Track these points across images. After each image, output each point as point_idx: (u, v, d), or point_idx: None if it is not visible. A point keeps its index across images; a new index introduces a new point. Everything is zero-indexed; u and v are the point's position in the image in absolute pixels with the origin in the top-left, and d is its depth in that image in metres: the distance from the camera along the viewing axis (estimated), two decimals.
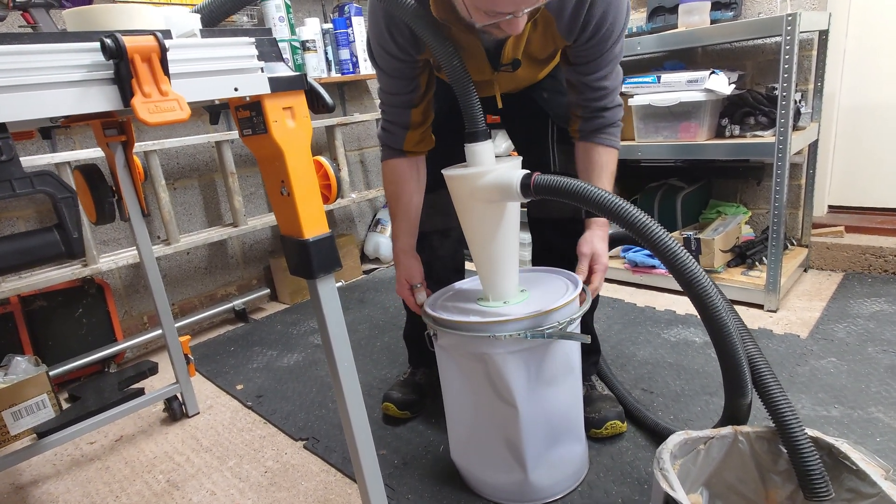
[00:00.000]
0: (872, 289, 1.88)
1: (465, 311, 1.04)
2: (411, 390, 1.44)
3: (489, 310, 1.03)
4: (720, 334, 0.88)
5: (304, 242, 0.74)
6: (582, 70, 1.05)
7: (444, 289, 1.20)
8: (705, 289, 0.86)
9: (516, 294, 1.06)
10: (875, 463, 0.81)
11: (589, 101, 1.08)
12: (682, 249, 0.85)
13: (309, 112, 0.75)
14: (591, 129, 1.11)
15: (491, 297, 1.06)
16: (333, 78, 2.44)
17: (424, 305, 1.11)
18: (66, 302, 1.88)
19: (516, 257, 1.04)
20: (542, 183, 0.90)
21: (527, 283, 1.12)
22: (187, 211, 2.21)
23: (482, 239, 1.01)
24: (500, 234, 1.00)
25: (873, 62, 2.01)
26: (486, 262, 1.03)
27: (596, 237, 1.12)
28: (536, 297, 1.05)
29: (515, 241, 1.03)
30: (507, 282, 1.04)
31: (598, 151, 1.12)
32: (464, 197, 0.98)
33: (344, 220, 2.82)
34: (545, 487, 1.08)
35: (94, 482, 1.35)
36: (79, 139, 1.90)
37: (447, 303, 1.12)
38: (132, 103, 0.55)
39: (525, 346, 0.97)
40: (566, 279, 1.11)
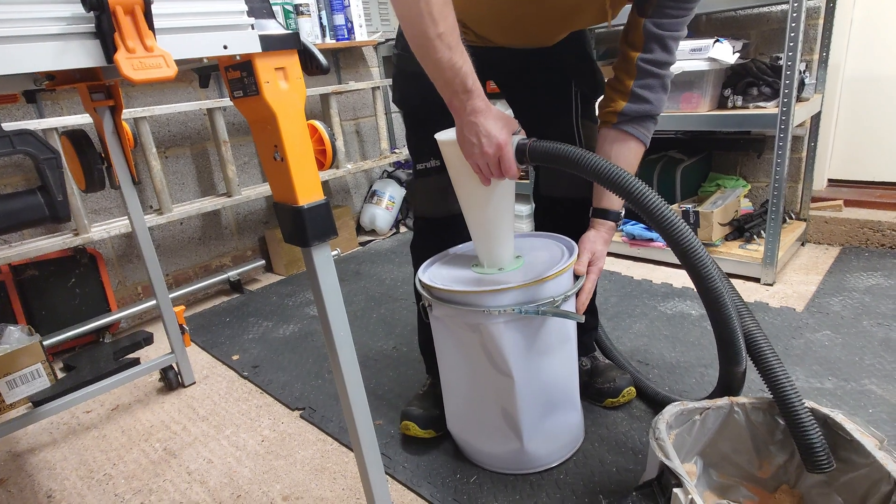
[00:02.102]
0: (869, 263, 1.87)
1: (460, 279, 1.02)
2: (433, 404, 1.24)
3: (484, 277, 1.01)
4: (714, 303, 0.87)
5: (299, 209, 0.72)
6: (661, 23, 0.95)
7: (438, 254, 1.17)
8: (701, 258, 0.85)
9: (512, 261, 1.04)
10: (869, 433, 0.81)
11: (652, 67, 0.97)
12: (679, 220, 0.84)
13: (303, 74, 0.72)
14: (636, 113, 1.01)
15: (486, 264, 1.04)
16: (328, 44, 2.38)
17: (418, 273, 1.09)
18: (59, 271, 1.86)
19: (511, 224, 1.02)
20: (539, 149, 0.87)
21: (523, 249, 1.10)
22: (180, 180, 2.17)
23: (476, 205, 0.99)
24: (494, 201, 0.97)
25: (880, 33, 1.97)
26: (480, 228, 1.01)
27: (600, 238, 1.07)
28: (532, 264, 1.04)
29: (510, 207, 1.01)
30: (502, 248, 1.02)
31: (631, 147, 1.03)
32: (457, 163, 0.95)
33: (339, 191, 2.79)
34: (541, 456, 1.09)
35: (90, 450, 1.35)
36: (66, 104, 1.85)
37: (441, 269, 1.10)
38: (115, 59, 0.52)
39: (520, 316, 0.96)
40: (563, 245, 1.09)
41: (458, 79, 0.84)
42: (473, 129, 0.86)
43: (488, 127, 0.85)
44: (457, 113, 0.88)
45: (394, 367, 1.55)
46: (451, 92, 0.85)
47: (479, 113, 0.85)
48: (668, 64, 0.99)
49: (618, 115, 1.02)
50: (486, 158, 0.87)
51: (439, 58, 0.82)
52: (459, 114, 0.87)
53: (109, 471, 1.27)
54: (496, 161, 0.88)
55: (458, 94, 0.85)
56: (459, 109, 0.86)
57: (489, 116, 0.86)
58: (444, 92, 0.87)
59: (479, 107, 0.85)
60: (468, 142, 0.88)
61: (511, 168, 0.88)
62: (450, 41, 0.82)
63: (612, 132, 1.04)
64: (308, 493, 1.13)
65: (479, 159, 0.88)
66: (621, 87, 1.01)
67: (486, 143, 0.86)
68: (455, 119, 0.89)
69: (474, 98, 0.85)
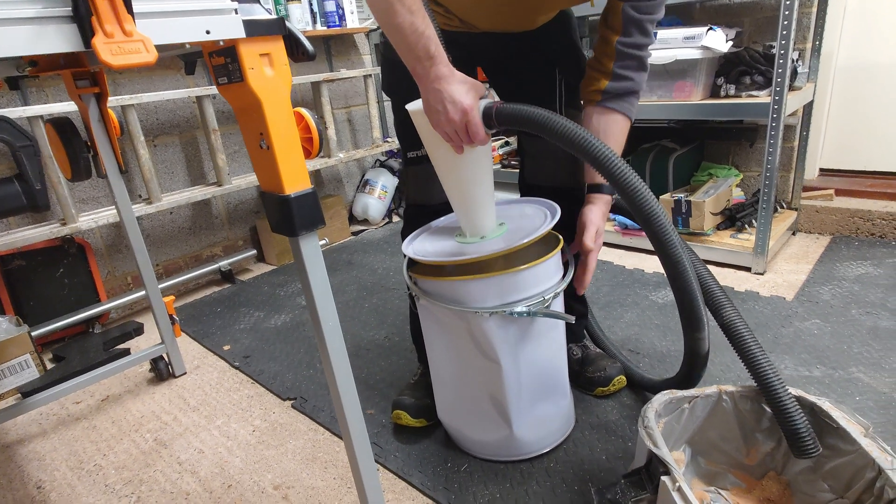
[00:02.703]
0: (859, 252, 1.89)
1: (443, 251, 1.01)
2: (424, 393, 1.24)
3: (467, 246, 1.00)
4: (674, 267, 0.87)
5: (286, 198, 0.71)
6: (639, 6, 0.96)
7: (420, 228, 1.15)
8: (663, 224, 0.84)
9: (494, 228, 1.02)
10: (855, 420, 0.82)
11: (630, 49, 0.99)
12: (643, 185, 0.82)
13: (289, 60, 0.71)
14: (619, 91, 1.02)
15: (468, 233, 1.03)
16: (319, 31, 2.35)
17: (403, 246, 1.07)
18: (46, 262, 1.84)
19: (490, 191, 1.00)
20: (505, 112, 0.85)
21: (506, 216, 1.09)
22: (169, 169, 2.14)
23: (452, 174, 0.97)
24: (470, 168, 0.95)
25: (873, 21, 1.96)
26: (459, 197, 1.00)
27: (599, 212, 1.06)
28: (515, 230, 1.02)
29: (488, 174, 0.98)
30: (483, 216, 1.00)
31: (617, 121, 1.04)
32: (429, 132, 0.92)
33: (331, 180, 2.77)
34: (530, 443, 1.09)
35: (80, 441, 1.35)
36: (52, 91, 1.82)
37: (425, 242, 1.08)
38: (93, 43, 0.51)
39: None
40: (545, 208, 1.07)
41: (420, 43, 0.82)
42: (438, 96, 0.84)
43: (452, 92, 0.83)
44: (420, 80, 0.86)
45: (385, 357, 1.54)
46: (414, 58, 0.83)
47: (442, 79, 0.83)
48: (646, 46, 1.01)
49: (602, 94, 1.03)
50: (453, 125, 0.85)
51: (400, 22, 0.80)
52: (423, 81, 0.85)
53: (100, 461, 1.26)
54: (463, 127, 0.85)
55: (421, 61, 0.83)
56: (423, 76, 0.84)
57: (453, 82, 0.84)
58: (406, 59, 0.85)
59: (443, 73, 0.83)
60: (434, 110, 0.86)
61: (479, 133, 0.85)
62: (411, 5, 0.80)
63: (598, 109, 1.05)
64: (299, 482, 1.13)
65: (446, 126, 0.86)
66: (602, 68, 1.02)
67: (452, 109, 0.84)
68: (419, 87, 0.87)
69: (437, 64, 0.83)
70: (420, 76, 0.85)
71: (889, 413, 1.13)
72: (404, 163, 1.22)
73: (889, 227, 1.94)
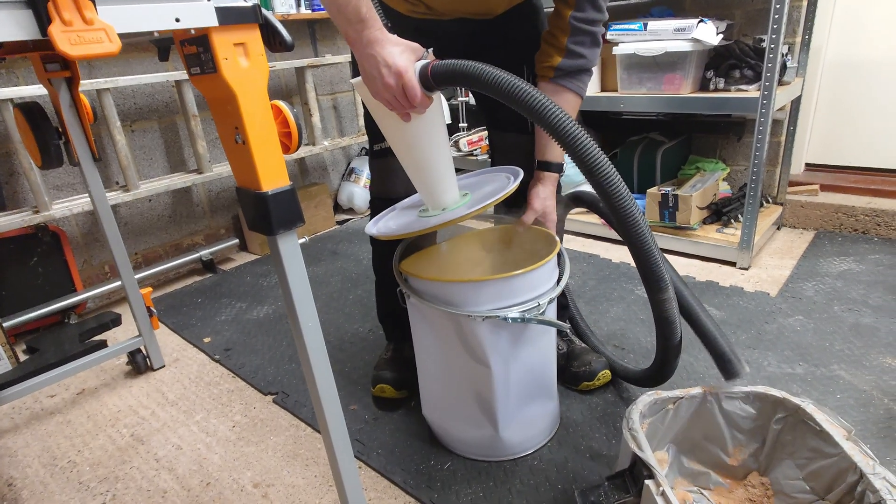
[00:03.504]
0: (842, 248, 1.90)
1: (407, 226, 0.99)
2: (404, 366, 1.29)
3: (430, 219, 0.97)
4: (630, 228, 0.84)
5: (263, 196, 0.68)
6: None
7: (387, 209, 1.13)
8: (614, 185, 0.80)
9: (457, 199, 1.00)
10: (838, 423, 0.82)
11: (583, 25, 0.98)
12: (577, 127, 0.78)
13: (265, 50, 0.67)
14: (572, 68, 1.02)
15: (430, 207, 1.00)
16: (303, 14, 2.29)
17: (367, 227, 1.04)
18: (19, 250, 1.78)
19: (448, 160, 0.96)
20: (441, 69, 0.81)
21: (468, 187, 1.07)
22: (147, 155, 2.08)
23: (404, 145, 0.94)
24: (421, 137, 0.91)
25: (862, 17, 1.96)
26: (414, 169, 0.96)
27: (547, 192, 1.08)
28: (477, 197, 0.99)
29: (443, 143, 0.94)
30: (443, 187, 0.97)
31: (568, 98, 1.05)
32: (375, 104, 0.88)
33: (316, 168, 2.72)
34: (516, 444, 1.08)
35: (54, 436, 1.31)
36: (23, 73, 1.75)
37: (390, 221, 1.06)
38: (49, 32, 0.47)
39: None
40: (508, 174, 1.06)
41: (349, 6, 0.77)
42: (372, 62, 0.80)
43: (386, 55, 0.79)
44: (353, 46, 0.81)
45: (370, 351, 1.52)
46: (345, 21, 0.79)
47: (375, 43, 0.79)
48: (599, 21, 1.01)
49: (554, 70, 1.03)
50: (390, 90, 0.81)
51: None
52: (356, 46, 0.81)
53: (74, 458, 1.23)
54: (401, 91, 0.81)
55: (352, 24, 0.78)
56: (356, 41, 0.80)
57: (387, 44, 0.79)
58: (338, 22, 0.81)
59: (376, 36, 0.79)
60: (370, 76, 0.82)
61: (416, 96, 0.81)
62: None
63: (550, 86, 1.05)
64: (280, 479, 1.12)
65: (384, 93, 0.82)
66: (556, 43, 1.02)
67: (387, 73, 0.79)
68: (354, 54, 0.83)
69: (369, 27, 0.78)
70: (353, 41, 0.81)
71: (869, 411, 1.14)
72: (370, 154, 1.21)
73: (872, 223, 1.95)
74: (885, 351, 1.33)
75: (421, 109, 0.85)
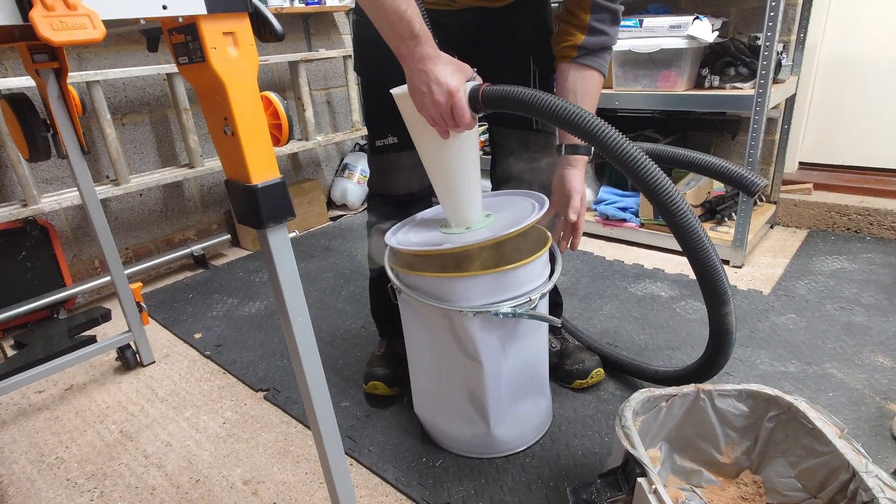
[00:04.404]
0: (835, 246, 1.90)
1: (427, 241, 0.98)
2: (396, 363, 1.28)
3: (452, 236, 0.97)
4: (688, 237, 0.85)
5: (252, 189, 0.67)
6: None
7: (406, 220, 1.12)
8: (671, 195, 0.82)
9: (480, 219, 1.00)
10: (830, 422, 0.82)
11: (604, 1, 0.96)
12: (644, 157, 0.80)
13: (256, 41, 0.66)
14: (595, 45, 1.00)
15: (453, 224, 1.00)
16: (297, 8, 2.26)
17: (386, 237, 1.03)
18: (7, 244, 1.76)
19: (477, 180, 0.97)
20: (492, 94, 0.82)
21: (492, 207, 1.06)
22: (138, 149, 2.06)
23: (438, 162, 0.94)
24: (456, 155, 0.92)
25: (856, 15, 1.96)
26: (444, 186, 0.96)
27: (581, 176, 1.05)
28: (501, 219, 0.99)
29: (475, 162, 0.95)
30: (469, 206, 0.97)
31: (594, 78, 1.03)
32: (414, 117, 0.89)
33: (310, 164, 2.70)
34: (508, 441, 1.08)
35: (42, 432, 1.29)
36: (10, 65, 1.72)
37: (409, 234, 1.05)
38: (31, 17, 0.46)
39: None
40: (533, 200, 1.05)
41: (403, 23, 0.78)
42: (423, 78, 0.80)
43: (438, 74, 0.80)
44: (404, 60, 0.82)
45: (362, 348, 1.51)
46: (398, 38, 0.80)
47: (427, 59, 0.80)
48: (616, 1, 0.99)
49: (577, 49, 1.01)
50: (438, 108, 0.81)
51: (382, 1, 0.77)
52: (407, 61, 0.82)
53: (62, 454, 1.22)
54: (449, 110, 0.82)
55: (405, 40, 0.79)
56: (407, 56, 0.81)
57: (439, 62, 0.80)
58: (390, 39, 0.81)
59: (428, 53, 0.80)
60: (418, 91, 0.82)
61: (465, 116, 0.82)
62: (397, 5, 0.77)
63: (573, 66, 1.03)
64: (270, 477, 1.11)
65: (430, 110, 0.83)
66: (577, 22, 1.00)
67: (437, 90, 0.80)
68: (404, 68, 0.83)
69: (422, 44, 0.79)
70: (404, 56, 0.81)
71: (861, 409, 1.14)
72: (370, 150, 1.18)
73: (864, 222, 1.96)
74: (877, 349, 1.33)
75: (465, 129, 0.86)
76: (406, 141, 0.97)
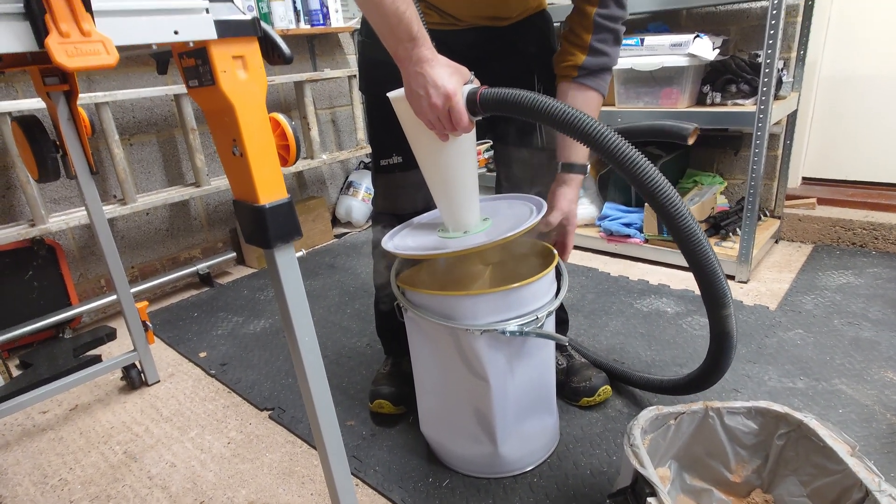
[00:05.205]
0: (840, 261, 1.90)
1: (424, 245, 0.98)
2: (402, 381, 1.28)
3: (449, 240, 0.96)
4: (687, 239, 0.84)
5: (260, 209, 0.68)
6: None
7: (404, 223, 1.12)
8: (670, 197, 0.82)
9: (478, 223, 0.99)
10: (841, 439, 0.81)
11: (608, 22, 0.98)
12: (643, 159, 0.80)
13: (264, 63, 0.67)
14: (595, 66, 1.01)
15: (451, 228, 0.99)
16: (302, 30, 2.30)
17: (383, 241, 1.02)
18: (14, 264, 1.77)
19: (474, 184, 0.96)
20: (490, 97, 0.81)
21: (491, 211, 1.06)
22: (145, 169, 2.08)
23: (435, 165, 0.93)
24: (454, 159, 0.91)
25: (856, 32, 1.98)
26: (442, 190, 0.96)
27: (573, 194, 1.07)
28: (499, 224, 0.99)
29: (472, 166, 0.95)
30: (466, 210, 0.97)
31: (593, 98, 1.04)
32: (411, 121, 0.88)
33: (315, 182, 2.72)
34: (515, 460, 1.07)
35: (45, 453, 1.29)
36: (21, 87, 1.75)
37: (406, 238, 1.04)
38: (46, 44, 0.47)
39: None
40: (531, 203, 1.05)
41: (401, 25, 0.78)
42: (420, 80, 0.80)
43: (435, 76, 0.79)
44: (402, 63, 0.82)
45: (367, 366, 1.51)
46: (396, 40, 0.80)
47: (425, 62, 0.79)
48: (621, 19, 1.01)
49: (578, 69, 1.02)
50: (436, 111, 0.81)
51: (381, 1, 0.77)
52: (405, 64, 0.82)
53: (65, 475, 1.21)
54: (446, 113, 0.81)
55: (403, 42, 0.79)
56: (405, 59, 0.81)
57: (436, 65, 0.80)
58: (388, 42, 0.82)
59: (426, 55, 0.79)
60: (415, 94, 0.82)
61: (462, 119, 0.81)
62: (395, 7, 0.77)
63: (573, 85, 1.04)
64: (275, 498, 1.10)
65: (428, 112, 0.82)
66: (579, 42, 1.01)
67: (434, 93, 0.80)
68: (401, 71, 0.83)
69: (420, 46, 0.79)
70: (401, 59, 0.82)
71: (872, 426, 1.13)
72: (374, 169, 1.18)
73: (869, 236, 1.95)
74: (886, 365, 1.32)
75: (462, 133, 0.86)
76: (411, 160, 0.98)
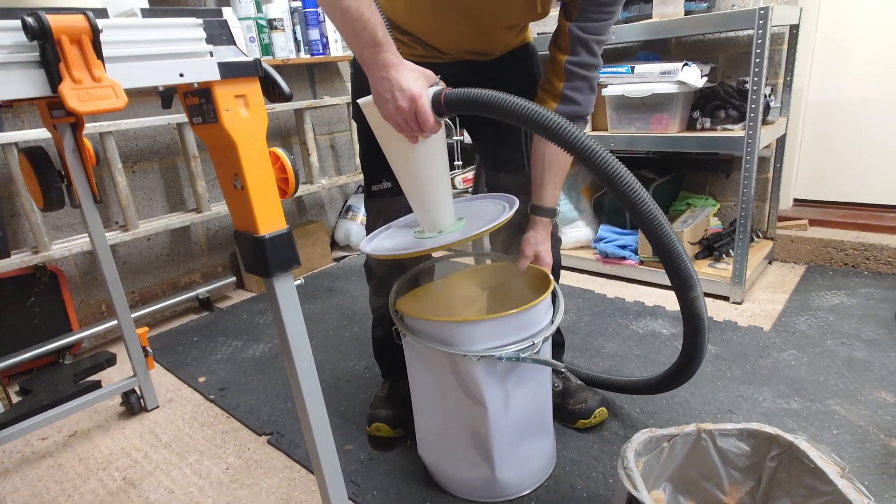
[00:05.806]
0: (833, 281, 1.92)
1: (401, 246, 1.00)
2: (400, 404, 1.30)
3: (424, 240, 0.98)
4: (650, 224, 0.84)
5: (260, 239, 0.70)
6: (585, 26, 0.98)
7: (382, 227, 1.14)
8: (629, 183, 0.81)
9: (453, 223, 1.01)
10: (831, 461, 0.82)
11: (578, 69, 1.00)
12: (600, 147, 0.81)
13: (264, 100, 0.70)
14: (567, 114, 1.01)
15: (426, 229, 1.01)
16: (302, 59, 2.36)
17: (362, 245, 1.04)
18: (17, 290, 1.79)
19: (447, 185, 0.98)
20: (453, 97, 0.83)
21: (464, 211, 1.08)
22: (147, 196, 2.12)
23: (407, 167, 0.96)
24: (424, 161, 0.93)
25: (841, 58, 2.04)
26: (415, 191, 0.98)
27: (539, 237, 1.10)
28: (473, 222, 1.01)
29: (444, 167, 0.97)
30: (440, 210, 0.98)
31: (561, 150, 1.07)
32: (381, 125, 0.90)
33: (314, 206, 2.76)
34: (512, 484, 1.07)
35: (44, 480, 1.29)
36: (28, 118, 1.79)
37: (384, 241, 1.06)
38: (60, 90, 0.50)
39: None
40: (504, 202, 1.06)
41: (366, 31, 0.80)
42: (386, 85, 0.82)
43: (401, 80, 0.81)
44: (368, 68, 0.84)
45: (365, 390, 1.52)
46: (361, 45, 0.82)
47: (390, 66, 0.81)
48: (594, 66, 1.03)
49: None
50: (402, 113, 0.83)
51: (346, 7, 0.78)
52: (371, 69, 0.83)
53: (63, 503, 1.21)
54: (413, 115, 0.83)
55: (368, 48, 0.81)
56: (370, 64, 0.82)
57: (402, 69, 0.82)
58: (353, 47, 0.84)
59: (391, 60, 0.81)
60: (382, 98, 0.83)
61: (428, 121, 0.83)
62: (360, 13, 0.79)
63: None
64: None
65: (395, 115, 0.84)
66: (552, 89, 1.04)
67: (400, 96, 0.82)
68: (367, 76, 0.85)
69: (385, 51, 0.81)
70: (367, 64, 0.84)
71: (865, 447, 1.14)
72: (367, 195, 1.22)
73: (861, 257, 1.98)
74: (880, 385, 1.33)
75: (430, 134, 0.88)
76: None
